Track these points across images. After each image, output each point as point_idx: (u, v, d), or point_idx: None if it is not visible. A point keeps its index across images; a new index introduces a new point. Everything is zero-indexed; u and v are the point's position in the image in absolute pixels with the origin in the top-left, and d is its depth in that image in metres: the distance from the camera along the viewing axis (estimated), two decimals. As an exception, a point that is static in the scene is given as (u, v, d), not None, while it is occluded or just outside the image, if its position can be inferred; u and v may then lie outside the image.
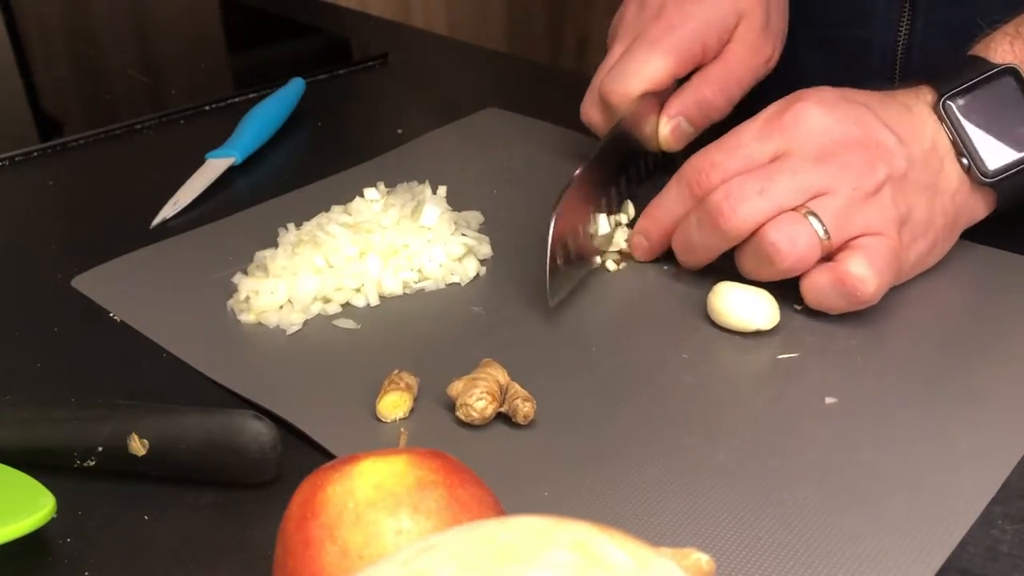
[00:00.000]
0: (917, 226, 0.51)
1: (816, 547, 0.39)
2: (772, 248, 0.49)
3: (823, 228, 0.49)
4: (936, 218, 0.52)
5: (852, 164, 0.50)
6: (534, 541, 0.24)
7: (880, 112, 0.51)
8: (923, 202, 0.51)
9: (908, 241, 0.51)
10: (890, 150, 0.50)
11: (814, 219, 0.49)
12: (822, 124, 0.50)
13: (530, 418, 0.45)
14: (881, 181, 0.50)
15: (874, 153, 0.50)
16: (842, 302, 0.50)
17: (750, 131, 0.52)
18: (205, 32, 1.05)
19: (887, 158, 0.50)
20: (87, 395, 0.48)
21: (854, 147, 0.50)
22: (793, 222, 0.49)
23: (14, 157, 0.73)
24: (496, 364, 0.47)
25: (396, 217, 0.58)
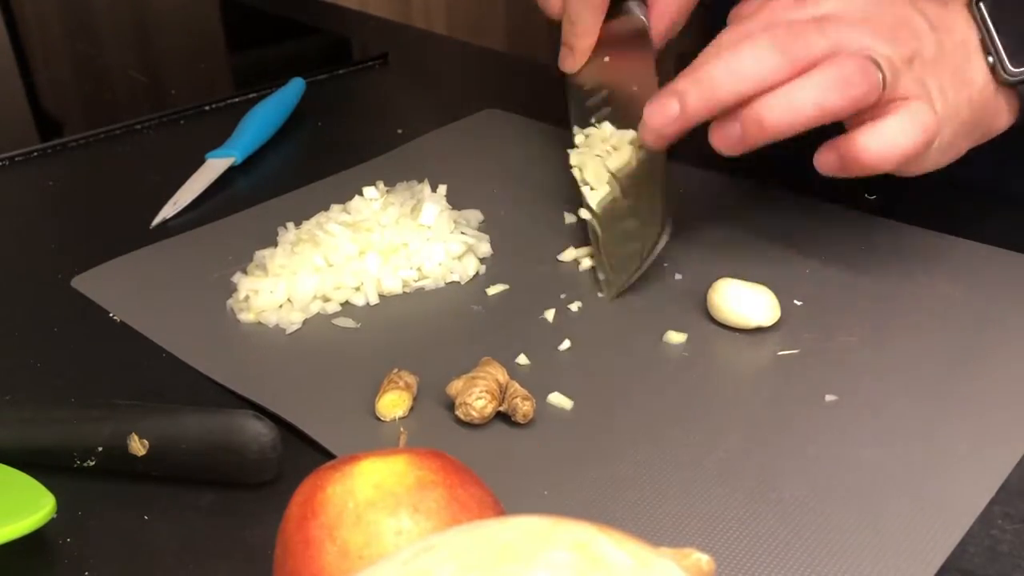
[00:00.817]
0: (945, 108, 0.51)
1: (816, 546, 0.39)
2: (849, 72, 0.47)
3: (881, 73, 0.48)
4: (961, 108, 0.52)
5: (892, 32, 0.50)
6: (534, 541, 0.24)
7: (915, 3, 0.52)
8: (950, 88, 0.51)
9: (939, 97, 0.50)
10: (922, 32, 0.51)
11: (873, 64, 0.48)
12: (868, 3, 0.51)
13: (529, 417, 0.45)
14: (911, 55, 0.50)
15: (909, 31, 0.50)
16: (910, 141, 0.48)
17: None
18: (205, 32, 1.05)
19: (921, 38, 0.51)
20: (87, 395, 0.49)
21: (892, 20, 0.50)
22: (861, 58, 0.47)
23: (14, 157, 0.73)
24: (495, 363, 0.47)
25: (395, 216, 0.58)
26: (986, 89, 0.53)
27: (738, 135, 0.49)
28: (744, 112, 0.48)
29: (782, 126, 0.48)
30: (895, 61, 0.49)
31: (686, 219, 0.61)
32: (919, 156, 0.49)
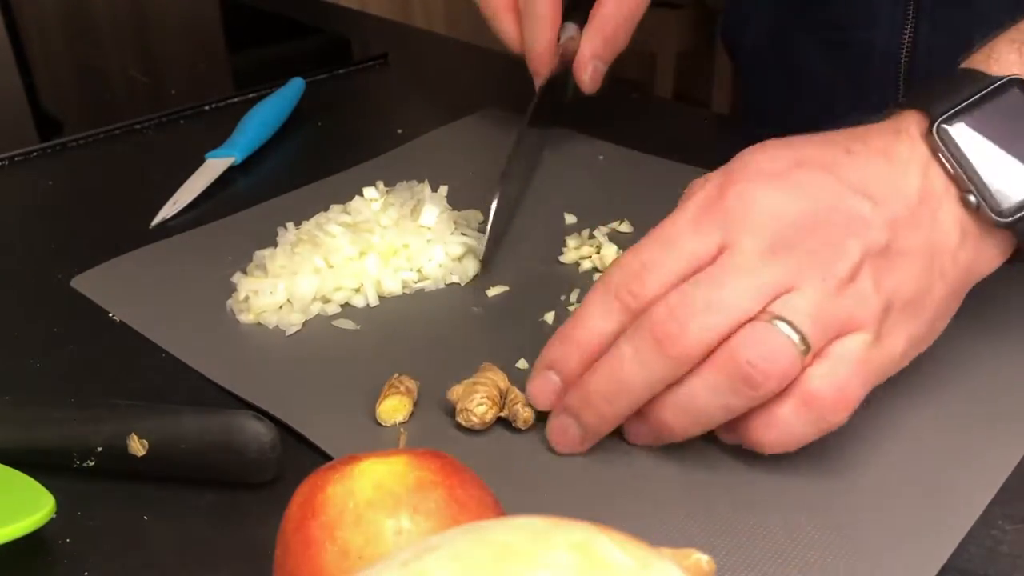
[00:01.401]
0: (908, 307, 0.42)
1: (816, 547, 0.39)
2: (748, 368, 0.39)
3: (798, 334, 0.39)
4: (934, 289, 0.42)
5: (817, 249, 0.40)
6: (534, 541, 0.24)
7: (845, 171, 0.42)
8: (914, 274, 0.42)
9: (896, 327, 0.41)
10: (863, 220, 0.41)
11: (784, 325, 0.39)
12: (771, 205, 0.41)
13: (530, 423, 0.45)
14: (857, 262, 0.40)
15: (842, 229, 0.41)
16: (811, 430, 0.40)
17: (685, 221, 0.42)
18: (205, 32, 1.05)
19: (860, 231, 0.41)
20: (87, 395, 0.49)
21: (816, 227, 0.41)
22: (764, 332, 0.39)
23: (14, 157, 0.73)
24: (496, 368, 0.47)
25: (395, 216, 0.58)
26: (966, 244, 0.43)
27: (653, 436, 0.43)
28: (649, 417, 0.42)
29: (693, 431, 0.42)
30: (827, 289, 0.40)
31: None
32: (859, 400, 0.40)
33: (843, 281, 0.40)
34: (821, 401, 0.40)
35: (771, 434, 0.41)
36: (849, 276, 0.40)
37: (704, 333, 0.39)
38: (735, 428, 0.42)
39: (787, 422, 0.40)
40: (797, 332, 0.39)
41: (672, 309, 0.40)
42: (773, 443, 0.41)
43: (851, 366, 0.40)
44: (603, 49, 0.63)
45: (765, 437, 0.41)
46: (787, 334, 0.39)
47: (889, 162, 0.43)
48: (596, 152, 0.70)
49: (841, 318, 0.40)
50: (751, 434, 0.41)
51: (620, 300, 0.42)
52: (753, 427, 0.41)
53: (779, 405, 0.40)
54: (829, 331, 0.40)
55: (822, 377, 0.40)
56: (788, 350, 0.39)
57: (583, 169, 0.68)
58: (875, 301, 0.40)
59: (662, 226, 0.43)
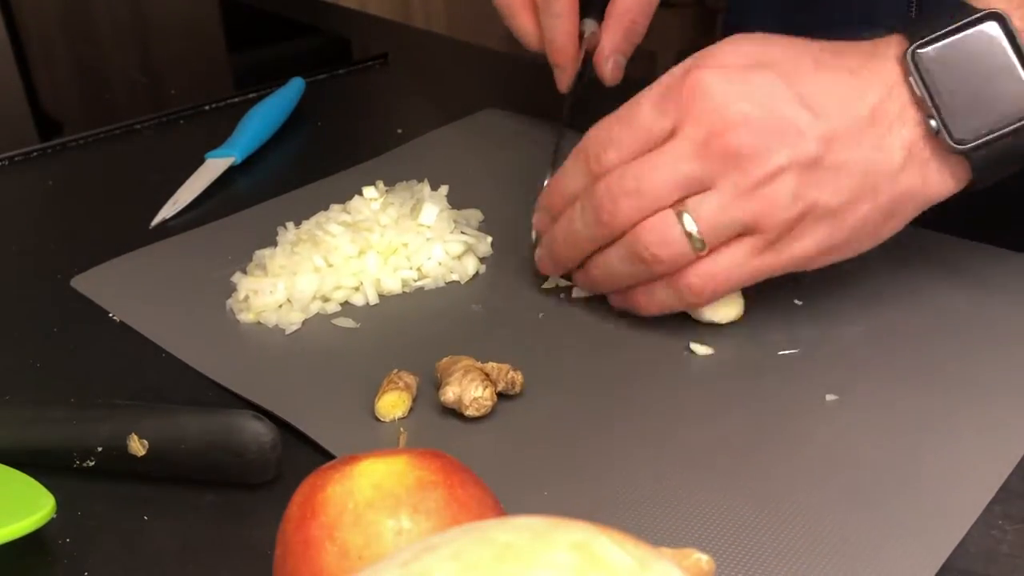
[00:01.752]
0: (826, 216, 0.45)
1: (816, 547, 0.39)
2: (645, 251, 0.46)
3: (696, 230, 0.45)
4: (860, 204, 0.45)
5: (742, 149, 0.44)
6: (534, 541, 0.24)
7: (799, 80, 0.45)
8: (840, 187, 0.45)
9: (806, 233, 0.45)
10: (798, 130, 0.44)
11: (688, 220, 0.45)
12: (718, 99, 0.45)
13: (520, 383, 0.47)
14: (776, 168, 0.44)
15: (773, 135, 0.44)
16: (675, 304, 0.49)
17: (648, 101, 0.47)
18: (205, 32, 1.05)
19: (791, 140, 0.44)
20: (87, 395, 0.49)
21: (748, 128, 0.44)
22: (665, 222, 0.46)
23: (14, 157, 0.73)
24: (459, 357, 0.47)
25: (395, 216, 0.58)
26: (909, 167, 0.45)
27: (588, 286, 0.53)
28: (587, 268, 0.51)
29: (609, 288, 0.51)
30: (737, 192, 0.45)
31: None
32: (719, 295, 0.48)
33: (755, 183, 0.44)
34: (688, 289, 0.47)
35: (642, 300, 0.49)
36: (763, 180, 0.44)
37: (629, 212, 0.46)
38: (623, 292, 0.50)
39: (657, 297, 0.49)
40: (696, 227, 0.45)
41: (610, 186, 0.47)
42: (642, 308, 0.50)
43: (726, 268, 0.46)
44: (623, 42, 0.63)
45: (639, 302, 0.49)
46: (687, 229, 0.45)
47: (852, 78, 0.45)
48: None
49: (743, 220, 0.45)
50: (631, 296, 0.50)
51: (586, 165, 0.49)
52: (634, 292, 0.49)
53: (658, 284, 0.48)
54: (729, 231, 0.45)
55: (698, 272, 0.46)
56: (680, 242, 0.46)
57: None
58: (787, 210, 0.45)
59: (631, 103, 0.48)
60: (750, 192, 0.45)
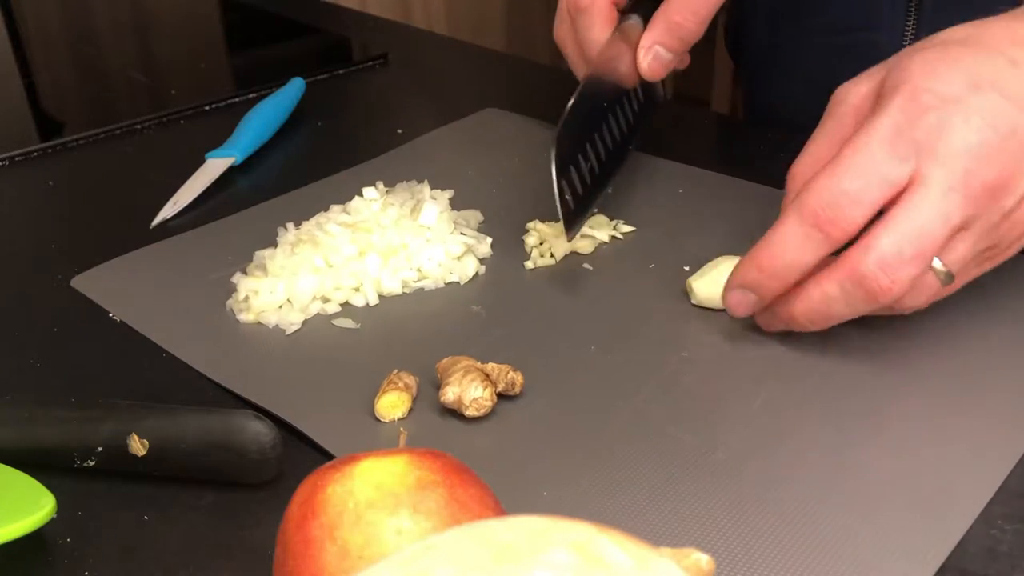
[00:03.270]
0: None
1: (816, 547, 0.39)
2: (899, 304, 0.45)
3: (947, 270, 0.44)
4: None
5: (997, 182, 0.43)
6: (534, 541, 0.24)
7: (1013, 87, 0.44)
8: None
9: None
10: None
11: (938, 262, 0.44)
12: (959, 137, 0.43)
13: (521, 383, 0.46)
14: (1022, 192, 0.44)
15: (1017, 161, 0.43)
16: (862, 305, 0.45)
17: (880, 144, 0.43)
18: (205, 32, 1.05)
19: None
20: (87, 395, 0.49)
21: (995, 161, 0.43)
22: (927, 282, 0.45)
23: (14, 157, 0.74)
24: (458, 357, 0.47)
25: (395, 216, 0.58)
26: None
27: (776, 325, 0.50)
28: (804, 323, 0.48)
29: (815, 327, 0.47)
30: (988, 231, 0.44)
31: (682, 218, 0.61)
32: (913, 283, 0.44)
33: (1007, 212, 0.44)
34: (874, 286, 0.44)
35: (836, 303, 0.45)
36: (1014, 206, 0.44)
37: (907, 281, 0.43)
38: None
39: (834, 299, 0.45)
40: (945, 268, 0.44)
41: (885, 264, 0.43)
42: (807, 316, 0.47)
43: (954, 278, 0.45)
44: (665, 36, 0.61)
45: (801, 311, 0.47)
46: (938, 271, 0.44)
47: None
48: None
49: (987, 246, 0.45)
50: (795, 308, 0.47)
51: (821, 230, 0.44)
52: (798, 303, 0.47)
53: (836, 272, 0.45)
54: (975, 261, 0.45)
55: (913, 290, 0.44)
56: (933, 287, 0.45)
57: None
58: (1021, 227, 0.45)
59: (854, 149, 0.44)
60: (1000, 223, 0.44)
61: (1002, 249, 0.46)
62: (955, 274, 0.45)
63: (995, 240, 0.45)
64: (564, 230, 0.54)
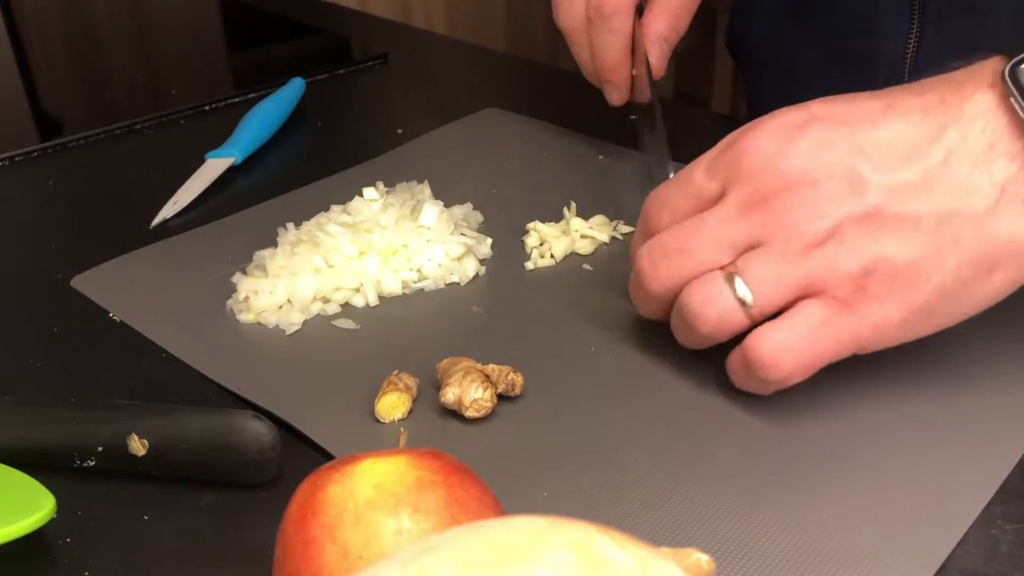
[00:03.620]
0: (898, 274, 0.41)
1: (816, 547, 0.39)
2: (687, 310, 0.44)
3: (748, 292, 0.42)
4: (940, 256, 0.40)
5: (793, 207, 0.41)
6: (534, 541, 0.24)
7: (864, 129, 0.42)
8: (907, 240, 0.41)
9: (881, 295, 0.41)
10: (856, 182, 0.41)
11: (739, 282, 0.42)
12: (766, 158, 0.42)
13: (521, 384, 0.47)
14: (831, 227, 0.41)
15: (826, 190, 0.41)
16: (752, 383, 0.44)
17: (703, 163, 0.46)
18: (205, 32, 1.05)
19: (846, 196, 0.41)
20: (87, 395, 0.49)
21: (800, 185, 0.41)
22: (709, 283, 0.43)
23: (14, 157, 0.73)
24: (458, 358, 0.47)
25: (395, 217, 0.58)
26: (1007, 206, 0.40)
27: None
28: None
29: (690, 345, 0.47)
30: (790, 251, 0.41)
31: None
32: (806, 368, 0.42)
33: (807, 245, 0.41)
34: (755, 358, 0.42)
35: (730, 377, 0.45)
36: (816, 240, 0.41)
37: (668, 275, 0.45)
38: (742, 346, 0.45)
39: (735, 370, 0.45)
40: (745, 288, 0.42)
41: (651, 250, 0.46)
42: (734, 382, 0.45)
43: (796, 331, 0.41)
44: (669, 30, 0.61)
45: (731, 378, 0.45)
46: (737, 288, 0.42)
47: (925, 119, 0.41)
48: (596, 151, 0.70)
49: (796, 281, 0.41)
50: (748, 340, 0.43)
51: (644, 226, 0.48)
52: (727, 367, 0.45)
53: (733, 354, 0.44)
54: (781, 292, 0.42)
55: (762, 336, 0.42)
56: (727, 303, 0.42)
57: (583, 168, 0.68)
58: (846, 267, 0.41)
59: (688, 166, 0.47)
60: (803, 252, 0.41)
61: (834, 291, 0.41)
62: (755, 299, 0.42)
63: (807, 275, 0.41)
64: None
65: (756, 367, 0.42)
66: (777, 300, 0.42)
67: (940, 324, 0.43)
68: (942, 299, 0.41)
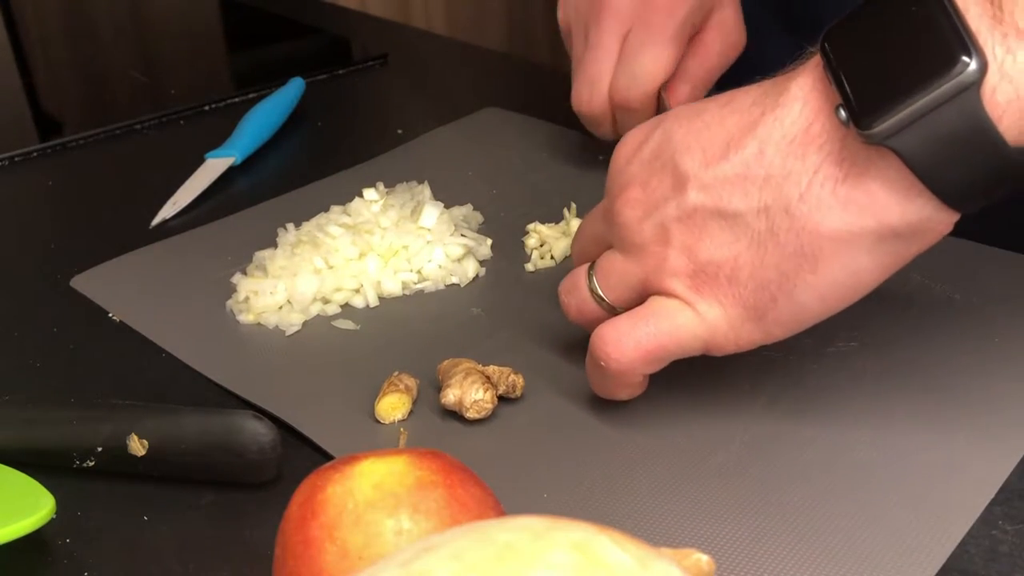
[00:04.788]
0: (723, 272, 0.40)
1: (816, 547, 0.39)
2: (560, 298, 0.48)
3: (598, 285, 0.45)
4: (762, 250, 0.39)
5: (626, 208, 0.43)
6: (534, 541, 0.24)
7: (695, 127, 0.41)
8: (726, 238, 0.40)
9: (715, 294, 0.41)
10: (682, 178, 0.41)
11: (592, 275, 0.45)
12: (616, 164, 0.45)
13: (521, 386, 0.47)
14: (659, 225, 0.42)
15: (654, 190, 0.42)
16: (603, 380, 0.45)
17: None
18: (205, 32, 1.05)
19: (671, 193, 0.41)
20: (87, 395, 0.49)
21: (631, 187, 0.43)
22: (576, 275, 0.47)
23: (14, 157, 0.74)
24: (459, 359, 0.47)
25: (395, 218, 0.58)
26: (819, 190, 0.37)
27: None
28: None
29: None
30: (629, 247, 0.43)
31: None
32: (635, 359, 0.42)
33: (639, 245, 0.43)
34: (595, 344, 0.43)
35: (608, 334, 0.43)
36: (647, 241, 0.42)
37: (576, 268, 0.48)
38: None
39: (587, 366, 0.45)
40: (596, 282, 0.45)
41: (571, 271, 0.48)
42: (591, 385, 0.46)
43: (635, 322, 0.42)
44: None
45: (605, 334, 0.43)
46: (591, 282, 0.45)
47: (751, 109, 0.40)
48: (596, 151, 0.70)
49: (638, 279, 0.43)
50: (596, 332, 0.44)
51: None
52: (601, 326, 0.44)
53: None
54: (627, 288, 0.44)
55: (606, 324, 0.43)
56: (583, 293, 0.46)
57: (583, 168, 0.68)
58: (673, 266, 0.41)
59: None
60: (638, 252, 0.43)
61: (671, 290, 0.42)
62: (603, 292, 0.45)
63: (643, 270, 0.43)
64: None
65: (596, 353, 0.43)
66: (624, 295, 0.44)
67: (788, 323, 0.41)
68: (768, 296, 0.40)
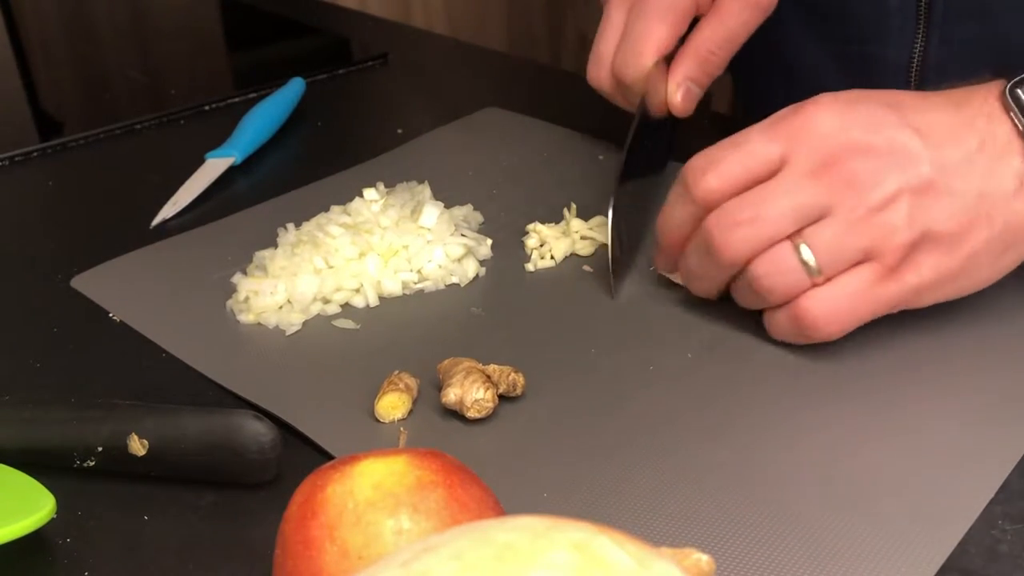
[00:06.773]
0: (941, 242, 0.45)
1: (816, 547, 0.39)
2: (757, 283, 0.47)
3: (814, 260, 0.45)
4: (976, 230, 0.45)
5: (857, 175, 0.45)
6: (534, 541, 0.24)
7: (909, 112, 0.46)
8: (954, 212, 0.45)
9: (923, 259, 0.46)
10: (912, 155, 0.45)
11: (806, 250, 0.45)
12: (829, 128, 0.46)
13: (522, 384, 0.47)
14: (892, 193, 0.45)
15: (887, 160, 0.45)
16: (798, 338, 0.48)
17: (757, 130, 0.48)
18: (205, 32, 1.05)
19: (904, 164, 0.45)
20: (87, 395, 0.48)
21: (862, 154, 0.45)
22: (781, 254, 0.46)
23: (14, 157, 0.74)
24: (460, 359, 0.47)
25: (395, 217, 0.58)
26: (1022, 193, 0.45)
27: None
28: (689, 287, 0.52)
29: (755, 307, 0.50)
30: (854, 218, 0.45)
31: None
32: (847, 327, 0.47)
33: (871, 210, 0.45)
34: (809, 320, 0.46)
35: (771, 330, 0.49)
36: (879, 206, 0.45)
37: (743, 244, 0.46)
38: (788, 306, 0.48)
39: (779, 325, 0.48)
40: (813, 257, 0.45)
41: (719, 220, 0.47)
42: (774, 335, 0.49)
43: (848, 295, 0.46)
44: (698, 71, 0.60)
45: (769, 330, 0.49)
46: (804, 258, 0.45)
47: (957, 111, 0.46)
48: (596, 151, 0.70)
49: (861, 247, 0.45)
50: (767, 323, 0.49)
51: (688, 191, 0.48)
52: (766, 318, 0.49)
53: (780, 311, 0.48)
54: (847, 258, 0.45)
55: (817, 299, 0.46)
56: (796, 272, 0.46)
57: (583, 168, 0.68)
58: (903, 234, 0.45)
59: (737, 134, 0.48)
60: (867, 218, 0.45)
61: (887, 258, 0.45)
62: (822, 266, 0.45)
63: (870, 240, 0.45)
64: (611, 282, 0.54)
65: (807, 326, 0.46)
66: (841, 266, 0.46)
67: (955, 292, 0.48)
68: (967, 268, 0.46)
